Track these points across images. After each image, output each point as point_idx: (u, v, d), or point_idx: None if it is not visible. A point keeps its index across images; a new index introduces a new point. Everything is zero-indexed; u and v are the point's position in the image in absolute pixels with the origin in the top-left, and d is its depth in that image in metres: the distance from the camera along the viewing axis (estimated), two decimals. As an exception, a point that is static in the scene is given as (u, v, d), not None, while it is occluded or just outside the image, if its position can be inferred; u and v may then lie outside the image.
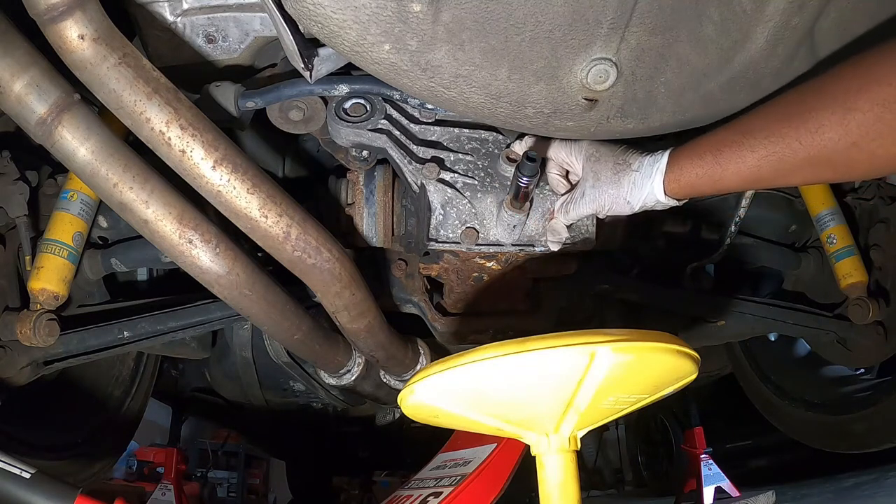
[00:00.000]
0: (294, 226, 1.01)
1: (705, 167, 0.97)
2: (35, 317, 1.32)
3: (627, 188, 1.07)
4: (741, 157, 0.92)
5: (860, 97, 0.79)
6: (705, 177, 0.97)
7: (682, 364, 0.81)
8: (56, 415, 1.73)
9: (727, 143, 0.94)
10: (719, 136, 0.96)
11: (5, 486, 0.99)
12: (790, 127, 0.86)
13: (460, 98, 1.00)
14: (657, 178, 1.03)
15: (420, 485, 1.52)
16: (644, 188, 1.05)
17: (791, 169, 0.88)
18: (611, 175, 1.09)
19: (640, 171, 1.05)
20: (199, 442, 5.28)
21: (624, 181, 1.07)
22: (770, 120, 0.89)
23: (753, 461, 3.22)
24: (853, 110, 0.79)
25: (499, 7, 0.87)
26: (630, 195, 1.07)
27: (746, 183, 0.95)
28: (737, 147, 0.92)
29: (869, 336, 1.70)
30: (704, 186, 0.99)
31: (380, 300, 1.39)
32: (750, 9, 0.92)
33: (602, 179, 1.10)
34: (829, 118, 0.81)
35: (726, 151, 0.94)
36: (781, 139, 0.87)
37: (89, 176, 0.92)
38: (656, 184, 1.03)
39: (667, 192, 1.03)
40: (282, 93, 1.22)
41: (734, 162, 0.93)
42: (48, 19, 0.81)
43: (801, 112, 0.85)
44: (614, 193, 1.08)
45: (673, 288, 1.71)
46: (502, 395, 0.82)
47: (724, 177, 0.95)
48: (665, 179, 1.03)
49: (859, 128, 0.79)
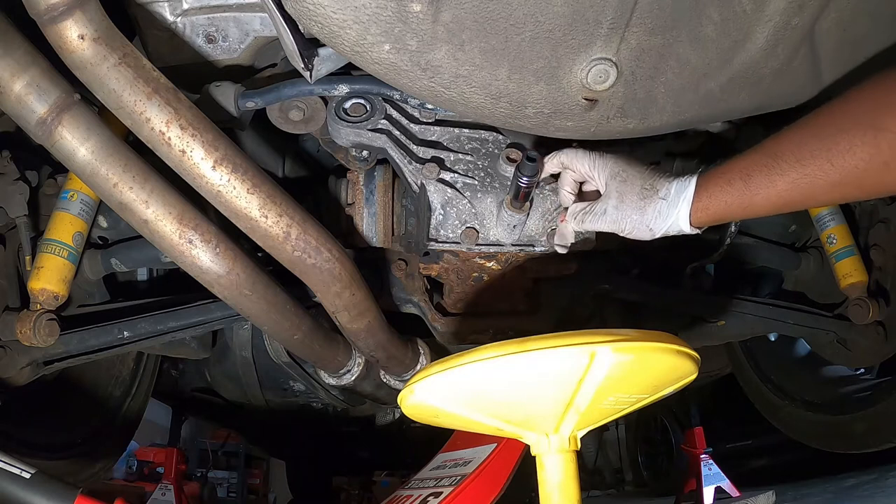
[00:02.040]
0: (294, 226, 1.01)
1: (735, 194, 0.94)
2: (35, 317, 1.32)
3: (652, 216, 1.03)
4: (771, 182, 0.89)
5: (890, 117, 0.77)
6: (735, 204, 0.94)
7: (682, 364, 0.81)
8: (56, 415, 1.73)
9: (757, 167, 0.91)
10: (748, 159, 0.93)
11: (5, 486, 0.99)
12: (820, 148, 0.84)
13: (460, 98, 1.00)
14: (683, 209, 1.00)
15: (420, 485, 1.52)
16: (669, 218, 1.01)
17: (821, 191, 0.86)
18: (636, 200, 1.04)
19: (668, 199, 1.01)
20: (199, 442, 5.27)
21: (649, 209, 1.03)
22: (799, 142, 0.87)
23: (753, 461, 3.23)
24: (884, 130, 0.78)
25: (499, 7, 0.87)
26: (654, 223, 1.03)
27: (775, 208, 0.92)
28: (767, 171, 0.90)
29: (869, 336, 1.70)
30: (733, 214, 0.96)
31: (380, 300, 1.39)
32: (750, 9, 0.92)
33: (626, 203, 1.05)
34: (861, 138, 0.80)
35: (756, 176, 0.91)
36: (812, 161, 0.84)
37: (89, 176, 0.92)
38: (682, 214, 1.00)
39: (693, 222, 1.00)
40: (282, 93, 1.22)
41: (764, 187, 0.90)
42: (48, 19, 0.81)
43: (831, 134, 0.83)
44: (637, 219, 1.04)
45: (673, 288, 1.71)
46: (502, 395, 0.82)
47: (754, 202, 0.92)
48: (692, 208, 0.99)
49: (891, 148, 0.77)
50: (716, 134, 1.43)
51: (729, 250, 1.68)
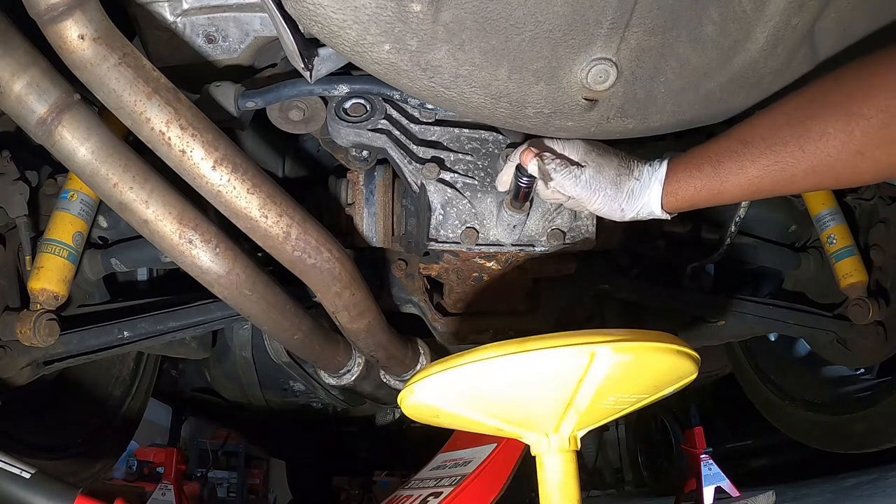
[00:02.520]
0: (294, 226, 1.01)
1: (704, 179, 0.93)
2: (35, 317, 1.32)
3: (625, 196, 1.04)
4: (742, 168, 0.88)
5: (865, 103, 0.76)
6: (704, 190, 0.94)
7: (682, 364, 0.81)
8: (56, 415, 1.73)
9: (727, 153, 0.91)
10: (719, 145, 0.93)
11: (5, 486, 0.99)
12: (792, 134, 0.83)
13: (460, 98, 1.00)
14: (655, 190, 1.01)
15: (420, 485, 1.52)
16: (640, 199, 1.02)
17: (792, 178, 0.85)
18: (613, 175, 1.05)
19: (640, 180, 1.02)
20: (199, 442, 5.28)
21: (624, 187, 1.04)
22: (771, 127, 0.86)
23: (753, 461, 3.23)
24: (857, 116, 0.76)
25: (499, 7, 0.87)
26: (626, 203, 1.04)
27: (746, 194, 0.92)
28: (737, 157, 0.89)
29: (869, 336, 1.70)
30: (703, 200, 0.96)
31: (380, 300, 1.39)
32: (750, 9, 0.92)
33: (604, 175, 1.05)
34: (833, 125, 0.78)
35: (726, 162, 0.90)
36: (783, 147, 0.83)
37: (89, 176, 0.92)
38: (654, 196, 1.01)
39: (664, 206, 1.00)
40: (282, 93, 1.22)
41: (734, 174, 0.89)
42: (48, 19, 0.81)
43: (803, 119, 0.82)
44: (611, 195, 1.04)
45: (673, 288, 1.71)
46: (502, 395, 0.82)
47: (724, 189, 0.92)
48: (663, 192, 1.00)
49: (864, 135, 0.76)
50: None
51: (729, 250, 1.68)
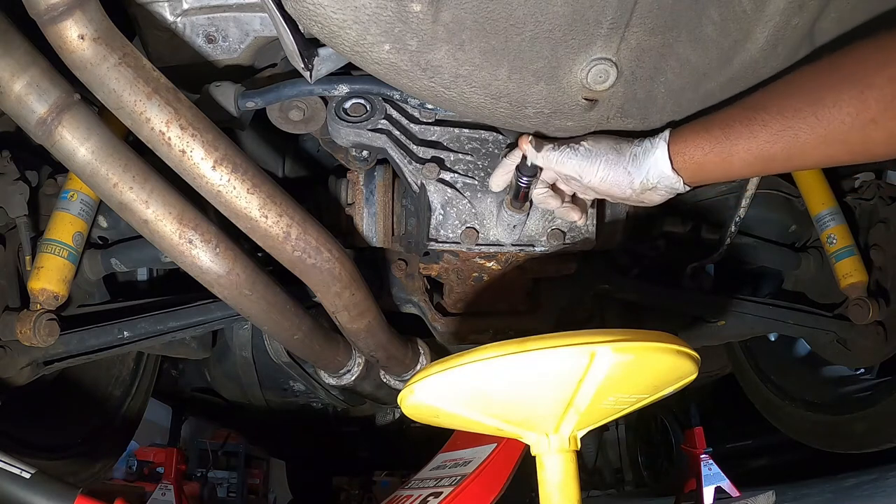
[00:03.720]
0: (294, 226, 1.01)
1: (713, 142, 0.91)
2: (35, 317, 1.32)
3: (629, 159, 0.99)
4: (752, 133, 0.87)
5: (879, 73, 0.77)
6: (713, 153, 0.92)
7: (682, 364, 0.81)
8: (56, 415, 1.73)
9: (737, 117, 0.89)
10: (729, 111, 0.92)
11: (5, 486, 0.99)
12: (805, 102, 0.82)
13: (460, 98, 1.00)
14: (661, 150, 0.96)
15: (420, 485, 1.52)
16: (646, 161, 0.98)
17: (804, 148, 0.84)
18: (612, 142, 1.02)
19: (641, 145, 1.00)
20: (199, 442, 5.28)
21: (625, 151, 1.00)
22: (784, 95, 0.86)
23: (753, 461, 3.23)
24: (871, 86, 0.77)
25: (499, 7, 0.87)
26: (632, 167, 0.99)
27: (757, 162, 0.89)
28: (748, 122, 0.88)
29: (869, 336, 1.70)
30: (712, 165, 0.93)
31: (380, 300, 1.39)
32: (750, 9, 0.92)
33: (602, 144, 1.02)
34: (847, 93, 0.79)
35: (736, 126, 0.89)
36: (796, 114, 0.83)
37: (89, 176, 0.92)
38: (660, 158, 0.96)
39: (674, 166, 0.96)
40: (282, 93, 1.22)
41: (745, 137, 0.88)
42: (48, 19, 0.81)
43: (817, 88, 0.82)
44: (614, 159, 1.00)
45: (673, 288, 1.71)
46: (502, 395, 0.82)
47: (734, 154, 0.90)
48: (670, 153, 0.96)
49: (878, 103, 0.77)
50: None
51: (729, 250, 1.68)
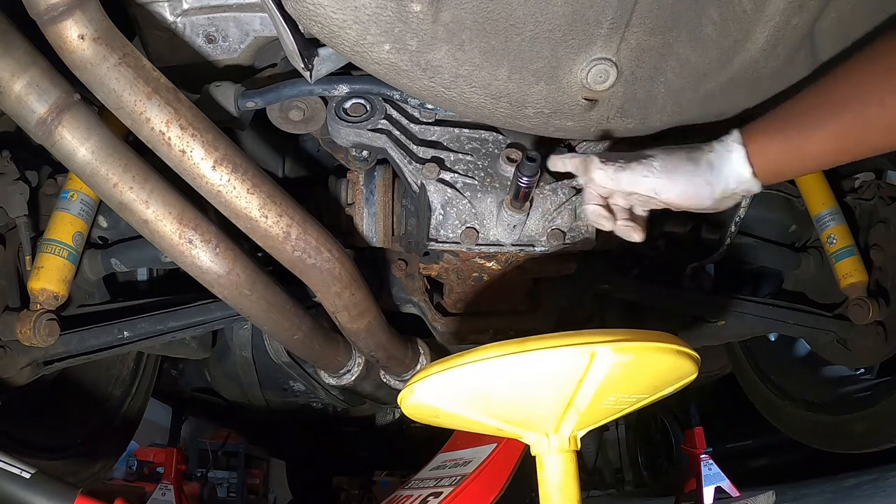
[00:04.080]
0: (294, 226, 1.01)
1: (789, 133, 0.89)
2: (35, 317, 1.32)
3: (705, 168, 0.95)
4: (824, 123, 0.86)
5: None
6: (790, 148, 0.90)
7: (682, 364, 0.81)
8: (56, 415, 1.73)
9: (809, 108, 0.88)
10: (795, 105, 0.90)
11: (5, 486, 0.99)
12: (869, 90, 0.83)
13: (460, 98, 1.00)
14: (737, 154, 0.93)
15: (420, 485, 1.52)
16: (724, 167, 0.94)
17: (875, 134, 0.84)
18: (684, 154, 0.97)
19: (714, 150, 0.96)
20: (199, 442, 5.27)
21: (701, 160, 0.96)
22: (845, 83, 0.86)
23: (753, 461, 3.22)
24: None
25: (499, 7, 0.87)
26: (711, 176, 0.95)
27: (829, 154, 0.89)
28: (819, 112, 0.87)
29: (869, 336, 1.70)
30: (789, 160, 0.91)
31: (380, 300, 1.39)
32: (750, 9, 0.92)
33: (676, 156, 0.98)
34: None
35: (809, 118, 0.88)
36: (866, 99, 0.83)
37: (89, 176, 0.92)
38: (738, 162, 0.93)
39: (754, 167, 0.93)
40: (282, 93, 1.22)
41: (819, 128, 0.87)
42: (48, 19, 0.81)
43: (881, 71, 0.82)
44: (692, 170, 0.96)
45: (673, 288, 1.71)
46: (502, 395, 0.82)
47: (809, 147, 0.88)
48: (748, 153, 0.93)
49: None
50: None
51: (729, 250, 1.68)
